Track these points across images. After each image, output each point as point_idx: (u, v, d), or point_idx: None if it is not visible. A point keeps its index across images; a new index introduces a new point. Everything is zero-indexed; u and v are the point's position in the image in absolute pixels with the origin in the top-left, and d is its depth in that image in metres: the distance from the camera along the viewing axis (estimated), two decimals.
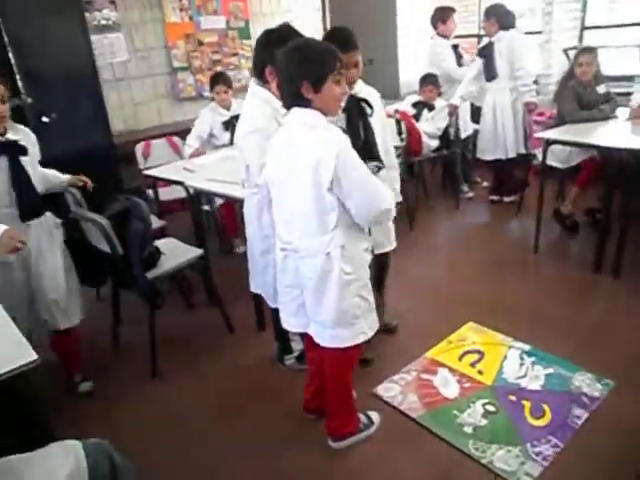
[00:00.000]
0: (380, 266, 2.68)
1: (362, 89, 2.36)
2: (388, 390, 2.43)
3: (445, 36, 4.59)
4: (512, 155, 4.32)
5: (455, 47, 4.62)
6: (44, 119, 3.71)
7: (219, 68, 5.48)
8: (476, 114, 4.62)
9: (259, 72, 2.10)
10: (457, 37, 4.79)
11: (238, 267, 2.75)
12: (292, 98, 1.72)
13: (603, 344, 2.62)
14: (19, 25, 3.53)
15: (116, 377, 2.76)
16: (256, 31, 5.44)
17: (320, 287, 1.80)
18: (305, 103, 1.70)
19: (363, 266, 1.86)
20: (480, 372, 2.49)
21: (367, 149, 2.20)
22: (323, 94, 1.69)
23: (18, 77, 3.58)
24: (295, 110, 1.73)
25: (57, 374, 2.67)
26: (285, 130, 1.78)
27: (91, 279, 2.86)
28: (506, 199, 4.55)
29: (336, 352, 1.89)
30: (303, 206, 1.74)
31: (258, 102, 2.07)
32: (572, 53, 4.51)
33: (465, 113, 4.68)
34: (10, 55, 3.52)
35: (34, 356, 1.57)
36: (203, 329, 3.10)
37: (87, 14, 4.40)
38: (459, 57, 4.60)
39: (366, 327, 1.88)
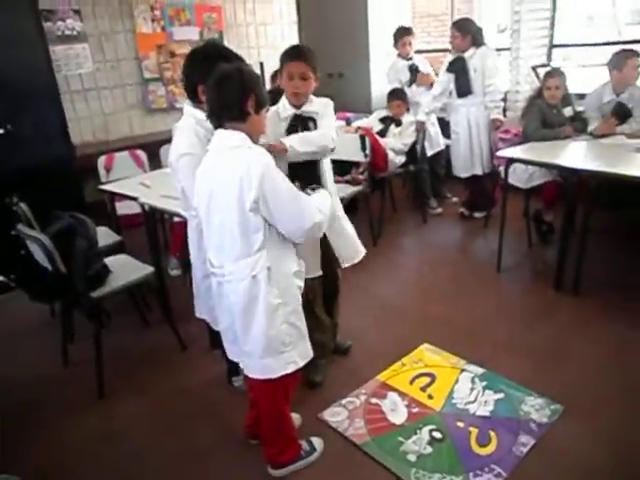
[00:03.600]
0: (330, 284, 2.63)
1: (313, 104, 2.32)
2: (335, 415, 2.37)
3: (403, 56, 4.62)
4: (487, 171, 4.33)
5: (412, 67, 4.62)
6: (0, 131, 3.63)
7: None
8: (446, 129, 4.61)
9: (192, 92, 2.06)
10: (429, 52, 4.81)
11: None
12: (228, 114, 1.69)
13: (558, 366, 2.59)
14: None
15: (63, 396, 2.68)
16: (230, 42, 5.43)
17: (247, 313, 1.75)
18: (239, 120, 1.70)
19: (292, 290, 1.82)
20: (430, 396, 2.45)
21: (306, 170, 2.18)
22: (260, 116, 1.75)
23: None
24: (220, 132, 1.71)
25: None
26: (210, 153, 1.75)
27: (41, 296, 2.81)
28: (476, 215, 4.54)
29: (267, 383, 1.84)
30: (229, 228, 1.71)
31: (192, 124, 2.03)
32: (541, 70, 4.54)
33: (433, 128, 4.67)
34: None
35: None
36: (156, 347, 3.03)
37: (49, 24, 4.35)
38: (413, 79, 4.60)
39: (297, 356, 1.84)
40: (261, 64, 5.47)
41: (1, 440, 2.29)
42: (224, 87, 1.68)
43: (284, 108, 2.28)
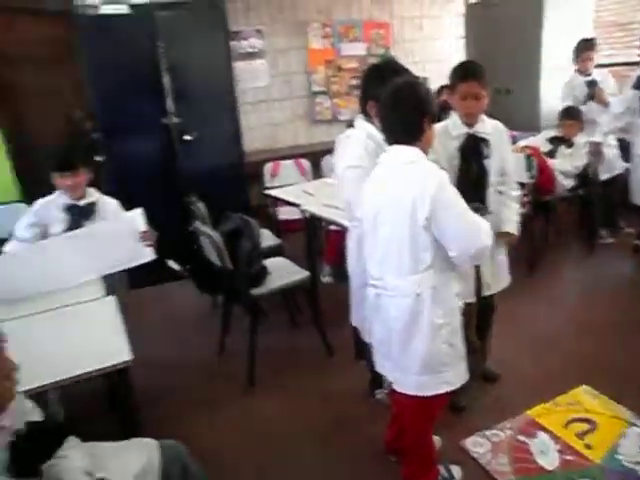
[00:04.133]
0: (486, 309, 2.54)
1: (485, 125, 2.27)
2: (477, 445, 2.26)
3: (582, 72, 4.25)
4: None
5: (592, 83, 4.22)
6: (187, 137, 4.10)
7: (356, 93, 5.63)
8: (626, 150, 4.16)
9: (364, 107, 2.12)
10: (611, 65, 4.39)
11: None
12: (406, 133, 1.71)
13: None
14: (175, 52, 3.98)
15: (215, 384, 2.92)
16: (396, 57, 5.50)
17: (408, 330, 1.75)
18: (414, 138, 1.71)
19: (454, 311, 1.78)
20: (588, 446, 2.21)
21: (475, 191, 2.12)
22: (431, 131, 1.76)
23: (169, 99, 4.01)
24: (395, 147, 1.73)
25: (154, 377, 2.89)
26: (382, 167, 1.78)
27: (207, 288, 3.09)
28: None
29: (417, 400, 1.81)
30: (397, 243, 1.71)
31: (363, 137, 2.08)
32: None
33: (611, 150, 4.24)
34: (164, 79, 3.96)
35: (128, 357, 1.74)
36: (303, 349, 3.16)
37: (234, 42, 4.82)
38: (591, 94, 4.20)
39: (452, 376, 1.79)
40: (425, 79, 5.47)
41: (159, 415, 2.55)
42: (401, 105, 1.70)
43: (455, 126, 2.25)
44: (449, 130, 2.24)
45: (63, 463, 1.33)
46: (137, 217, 2.54)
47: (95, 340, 1.91)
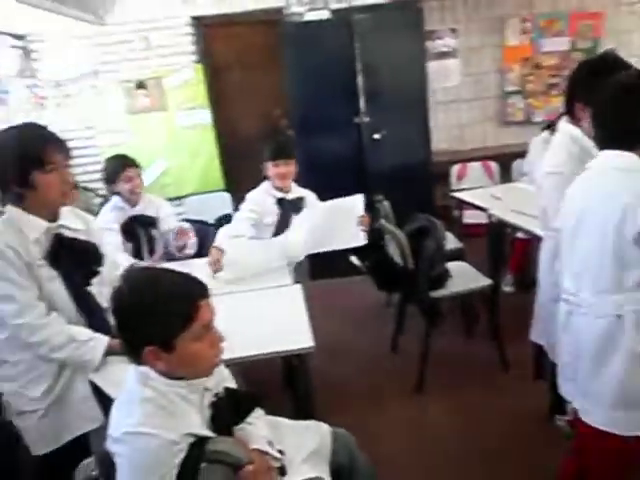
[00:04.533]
0: None
1: None
2: None
3: None
4: None
5: None
6: (376, 136, 4.19)
7: (555, 92, 5.21)
8: None
9: (570, 108, 1.93)
10: None
11: (532, 307, 2.59)
12: (620, 136, 1.53)
13: None
14: (370, 53, 4.08)
15: (385, 381, 2.95)
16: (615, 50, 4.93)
17: (601, 354, 1.55)
18: (634, 144, 1.50)
19: None
20: None
21: None
22: None
23: (362, 98, 4.14)
24: (608, 152, 1.54)
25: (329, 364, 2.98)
26: (589, 173, 1.60)
27: (386, 286, 3.14)
28: None
29: (608, 437, 1.60)
30: (598, 257, 1.53)
31: (566, 141, 1.91)
32: None
33: None
34: (358, 80, 4.10)
35: (311, 343, 1.84)
36: (477, 359, 3.03)
37: (429, 42, 4.77)
38: None
39: None
40: None
41: (330, 401, 2.64)
42: (623, 104, 1.51)
43: None
44: None
45: (251, 429, 1.46)
46: (358, 201, 2.65)
47: (282, 323, 2.05)
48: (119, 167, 2.84)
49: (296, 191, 2.85)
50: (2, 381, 1.79)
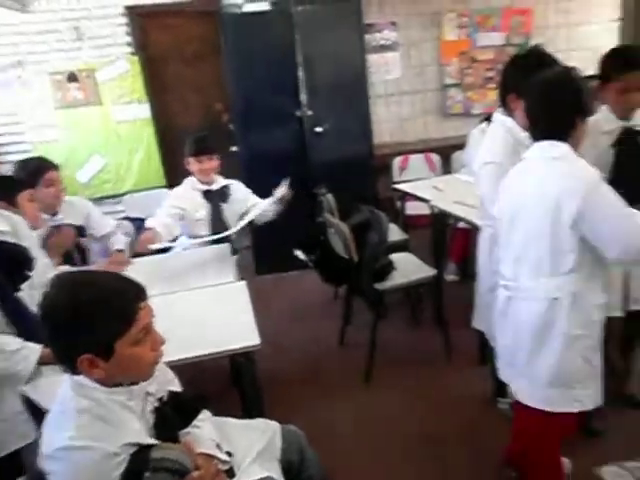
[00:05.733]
0: (633, 326, 2.29)
1: None
2: (616, 476, 2.05)
3: None
4: None
5: None
6: (318, 129, 4.18)
7: (491, 85, 5.37)
8: None
9: (503, 100, 1.99)
10: None
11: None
12: (552, 127, 1.59)
13: None
14: (310, 46, 4.05)
15: (333, 373, 2.96)
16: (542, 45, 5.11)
17: (539, 337, 1.62)
18: (564, 134, 1.58)
19: (595, 323, 1.62)
20: None
21: (634, 191, 1.89)
22: (584, 128, 1.62)
23: (303, 91, 4.11)
24: (541, 143, 1.60)
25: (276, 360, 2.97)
26: (525, 163, 1.66)
27: (331, 279, 3.14)
28: None
29: (543, 415, 1.68)
30: (536, 242, 1.60)
31: (501, 132, 1.96)
32: None
33: None
34: (299, 73, 4.06)
35: (257, 341, 1.81)
36: (423, 348, 3.10)
37: (368, 35, 4.79)
38: None
39: (585, 396, 1.63)
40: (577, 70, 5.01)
41: (278, 397, 2.62)
42: (553, 98, 1.58)
43: (607, 120, 2.04)
44: (600, 124, 2.02)
45: (198, 432, 1.43)
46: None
47: (227, 321, 2.01)
48: (37, 170, 2.47)
49: (220, 182, 2.92)
50: None
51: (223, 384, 2.75)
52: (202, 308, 2.17)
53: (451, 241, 3.74)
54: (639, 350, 2.39)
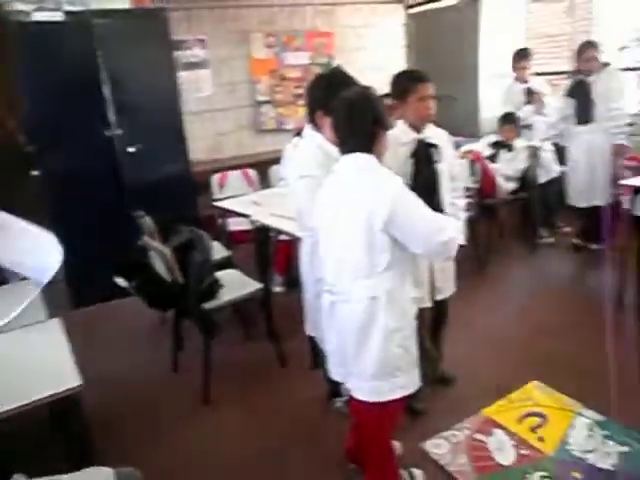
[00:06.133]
0: (439, 314, 2.59)
1: (433, 133, 2.34)
2: (437, 447, 2.29)
3: (520, 79, 4.48)
4: (608, 201, 4.03)
5: (529, 91, 4.45)
6: (130, 149, 3.97)
7: (301, 102, 5.65)
8: (561, 155, 4.38)
9: (312, 117, 2.12)
10: (546, 74, 4.64)
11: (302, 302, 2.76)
12: (357, 141, 1.73)
13: None
14: (115, 61, 3.85)
15: (170, 402, 2.82)
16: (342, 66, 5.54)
17: (362, 334, 1.75)
18: (368, 147, 1.72)
19: (409, 315, 1.80)
20: (541, 439, 2.29)
21: (430, 196, 2.16)
22: (385, 140, 1.77)
23: (111, 110, 3.87)
24: (349, 155, 1.74)
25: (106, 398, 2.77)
26: (336, 176, 1.78)
27: (157, 304, 2.99)
28: (592, 246, 4.22)
29: (374, 406, 1.81)
30: (353, 247, 1.72)
31: (311, 147, 2.08)
32: None
33: (547, 154, 4.44)
34: (105, 90, 3.82)
35: (78, 382, 1.65)
36: (258, 361, 3.11)
37: (179, 52, 4.72)
38: (529, 100, 4.45)
39: (407, 381, 1.80)
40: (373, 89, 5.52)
41: (112, 438, 2.43)
42: (355, 115, 1.71)
43: (404, 132, 2.29)
44: (398, 137, 2.27)
45: None
46: None
47: (41, 365, 1.80)
48: None
49: None
50: None
51: (43, 434, 2.44)
52: (10, 354, 1.91)
53: (275, 254, 3.84)
54: (445, 333, 2.71)
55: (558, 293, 3.70)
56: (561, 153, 4.39)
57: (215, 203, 3.78)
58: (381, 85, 2.42)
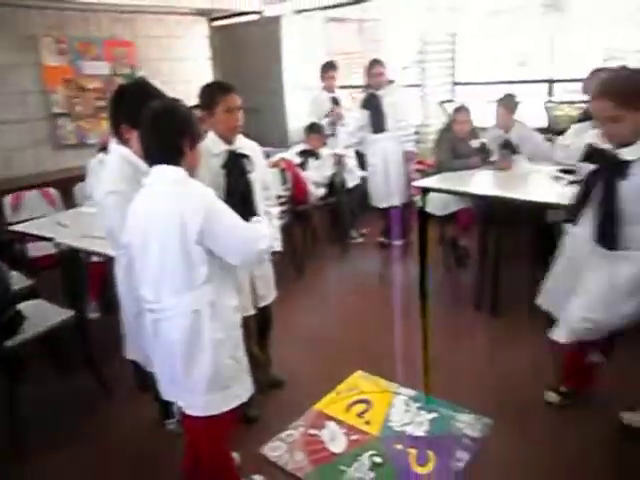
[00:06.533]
0: (264, 320, 2.66)
1: (244, 144, 2.38)
2: (274, 449, 2.34)
3: (327, 89, 4.83)
4: (405, 201, 4.53)
5: (335, 101, 4.84)
6: None
7: (103, 115, 5.29)
8: (362, 161, 4.81)
9: (116, 130, 2.02)
10: (343, 87, 5.07)
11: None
12: (165, 154, 1.68)
13: (483, 383, 2.73)
14: None
15: None
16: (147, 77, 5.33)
17: (190, 349, 1.71)
18: (176, 159, 1.69)
19: (234, 325, 1.81)
20: (367, 422, 2.48)
21: (245, 205, 2.20)
22: (196, 151, 1.76)
23: None
24: (157, 168, 1.69)
25: None
26: (146, 189, 1.72)
27: None
28: (395, 242, 4.70)
29: (210, 420, 1.78)
30: (170, 261, 1.67)
31: (119, 161, 1.98)
32: (447, 106, 4.89)
33: (351, 161, 4.85)
34: None
35: None
36: (80, 394, 2.84)
37: None
38: (330, 112, 4.85)
39: (241, 390, 1.81)
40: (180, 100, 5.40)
41: None
42: (160, 128, 1.67)
43: (215, 144, 2.29)
44: (209, 148, 2.26)
45: None
46: None
47: None
48: None
49: None
50: None
51: None
52: None
53: (87, 277, 3.53)
54: (271, 338, 2.77)
55: (368, 287, 4.06)
56: (362, 159, 4.82)
57: (10, 227, 3.33)
58: (189, 97, 2.40)
